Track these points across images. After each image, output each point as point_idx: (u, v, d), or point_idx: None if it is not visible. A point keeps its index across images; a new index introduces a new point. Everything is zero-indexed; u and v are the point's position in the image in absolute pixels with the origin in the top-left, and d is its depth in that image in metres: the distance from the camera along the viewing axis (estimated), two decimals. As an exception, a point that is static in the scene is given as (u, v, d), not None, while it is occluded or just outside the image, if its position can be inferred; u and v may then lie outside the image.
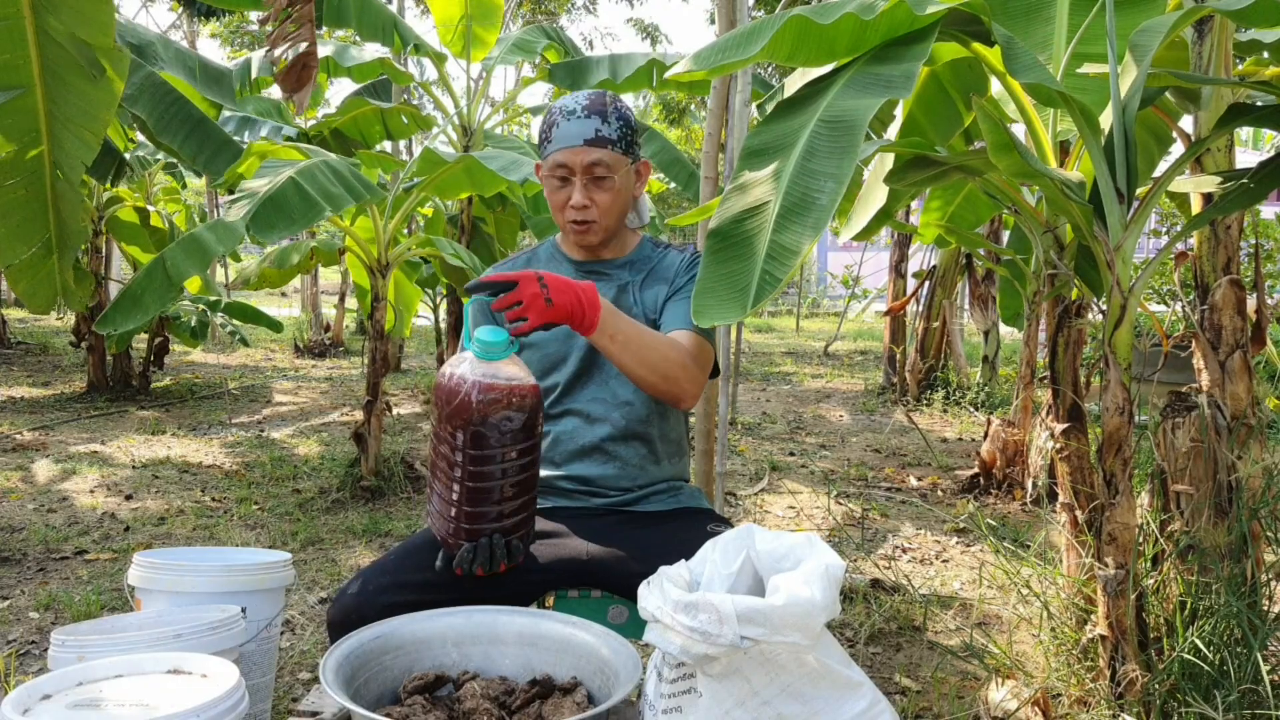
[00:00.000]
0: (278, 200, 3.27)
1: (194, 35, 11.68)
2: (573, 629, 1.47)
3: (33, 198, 3.33)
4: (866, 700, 1.29)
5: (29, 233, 3.39)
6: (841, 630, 2.70)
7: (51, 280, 3.54)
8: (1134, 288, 1.84)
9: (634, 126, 1.77)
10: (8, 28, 3.01)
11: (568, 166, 1.73)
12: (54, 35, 3.05)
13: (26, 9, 2.99)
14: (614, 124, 1.73)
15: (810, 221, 1.43)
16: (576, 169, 1.72)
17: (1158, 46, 1.67)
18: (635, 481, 1.80)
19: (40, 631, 2.67)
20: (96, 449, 5.07)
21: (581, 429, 1.78)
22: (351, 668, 1.36)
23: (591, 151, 1.71)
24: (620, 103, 1.77)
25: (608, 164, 1.72)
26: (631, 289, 1.83)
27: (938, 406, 6.53)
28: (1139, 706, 1.81)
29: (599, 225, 1.77)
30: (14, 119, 3.15)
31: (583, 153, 1.71)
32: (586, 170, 1.72)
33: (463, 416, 1.46)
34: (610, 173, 1.73)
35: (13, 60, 3.06)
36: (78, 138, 3.26)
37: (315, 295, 10.76)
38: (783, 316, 15.74)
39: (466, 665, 1.48)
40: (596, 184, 1.73)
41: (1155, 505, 2.07)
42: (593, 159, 1.71)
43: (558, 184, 1.76)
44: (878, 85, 1.58)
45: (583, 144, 1.71)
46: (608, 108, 1.74)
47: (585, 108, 1.73)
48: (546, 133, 1.76)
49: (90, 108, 3.20)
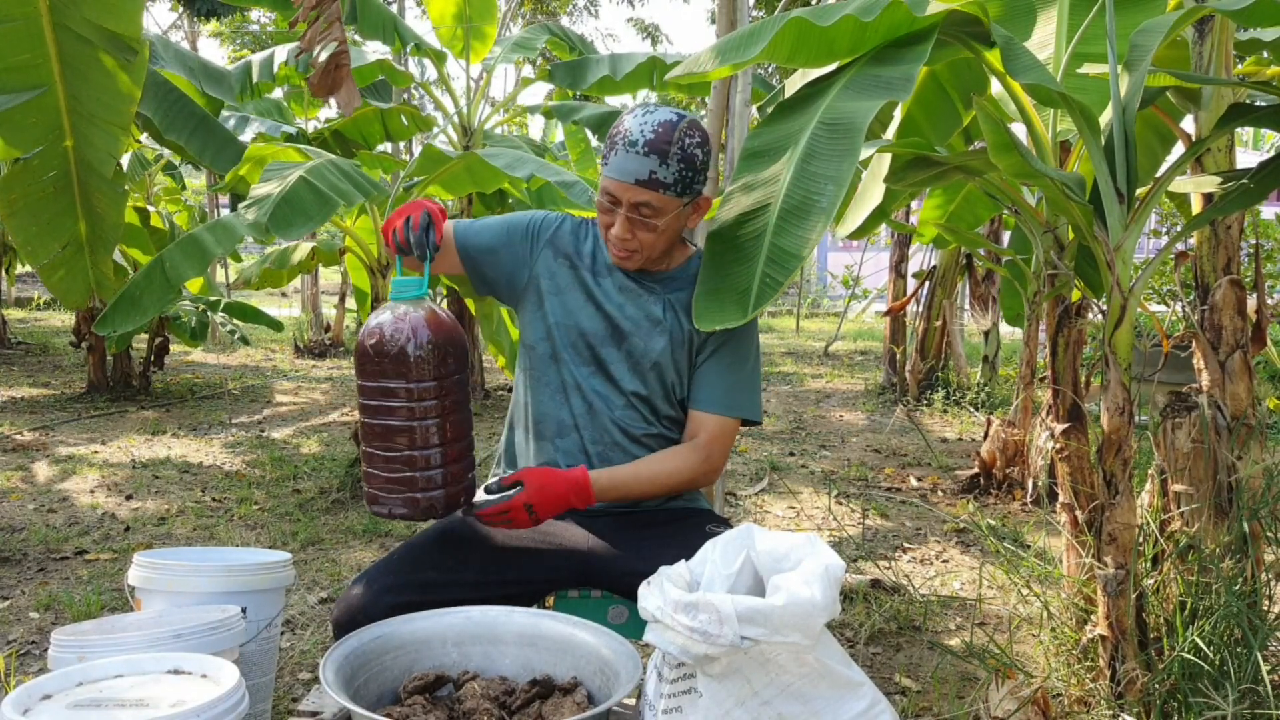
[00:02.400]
0: (292, 199, 3.29)
1: (194, 35, 11.68)
2: (573, 629, 1.48)
3: (60, 194, 3.36)
4: (866, 700, 1.30)
5: (59, 230, 3.43)
6: (841, 630, 2.70)
7: (84, 275, 3.58)
8: (1134, 288, 1.84)
9: (698, 166, 1.65)
10: (26, 27, 3.02)
11: (615, 197, 1.66)
12: (75, 29, 3.06)
13: (43, 6, 3.00)
14: (673, 166, 1.62)
15: (811, 225, 1.43)
16: (623, 202, 1.65)
17: (1158, 46, 1.67)
18: None
19: (40, 631, 2.67)
20: (96, 449, 5.07)
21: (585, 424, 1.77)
22: (352, 668, 1.36)
23: (641, 193, 1.62)
24: (691, 138, 1.63)
25: (655, 207, 1.64)
26: (670, 310, 1.77)
27: (938, 406, 6.53)
28: (1139, 706, 1.81)
29: (640, 256, 1.71)
30: (37, 117, 3.17)
31: (632, 191, 1.63)
32: (633, 208, 1.64)
33: (423, 349, 1.50)
34: (657, 215, 1.65)
35: (32, 59, 3.08)
36: (104, 132, 3.28)
37: (315, 295, 10.75)
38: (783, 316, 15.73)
39: (466, 665, 1.48)
40: (642, 222, 1.66)
41: (1155, 505, 2.07)
42: (640, 200, 1.63)
43: (606, 206, 1.69)
44: (877, 87, 1.58)
45: (634, 183, 1.62)
46: (671, 147, 1.61)
47: (647, 144, 1.61)
48: (609, 146, 1.67)
49: (113, 101, 3.22)
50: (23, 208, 3.32)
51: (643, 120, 1.63)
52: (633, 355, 1.76)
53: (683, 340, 1.77)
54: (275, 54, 5.70)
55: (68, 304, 3.80)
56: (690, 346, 1.77)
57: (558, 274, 1.80)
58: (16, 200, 3.29)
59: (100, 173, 3.34)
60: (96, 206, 3.44)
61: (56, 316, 12.74)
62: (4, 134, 3.15)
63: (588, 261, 1.81)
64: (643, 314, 1.77)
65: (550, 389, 1.79)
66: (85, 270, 3.57)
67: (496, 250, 1.82)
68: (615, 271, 1.79)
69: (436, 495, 1.54)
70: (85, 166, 3.33)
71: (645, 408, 1.77)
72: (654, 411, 1.78)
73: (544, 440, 1.79)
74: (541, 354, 1.80)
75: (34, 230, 3.38)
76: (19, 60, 3.07)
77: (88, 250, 3.55)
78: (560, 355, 1.78)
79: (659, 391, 1.77)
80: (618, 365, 1.76)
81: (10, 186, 3.27)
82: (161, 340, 6.89)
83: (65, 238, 3.45)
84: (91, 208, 3.44)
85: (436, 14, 5.70)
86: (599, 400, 1.76)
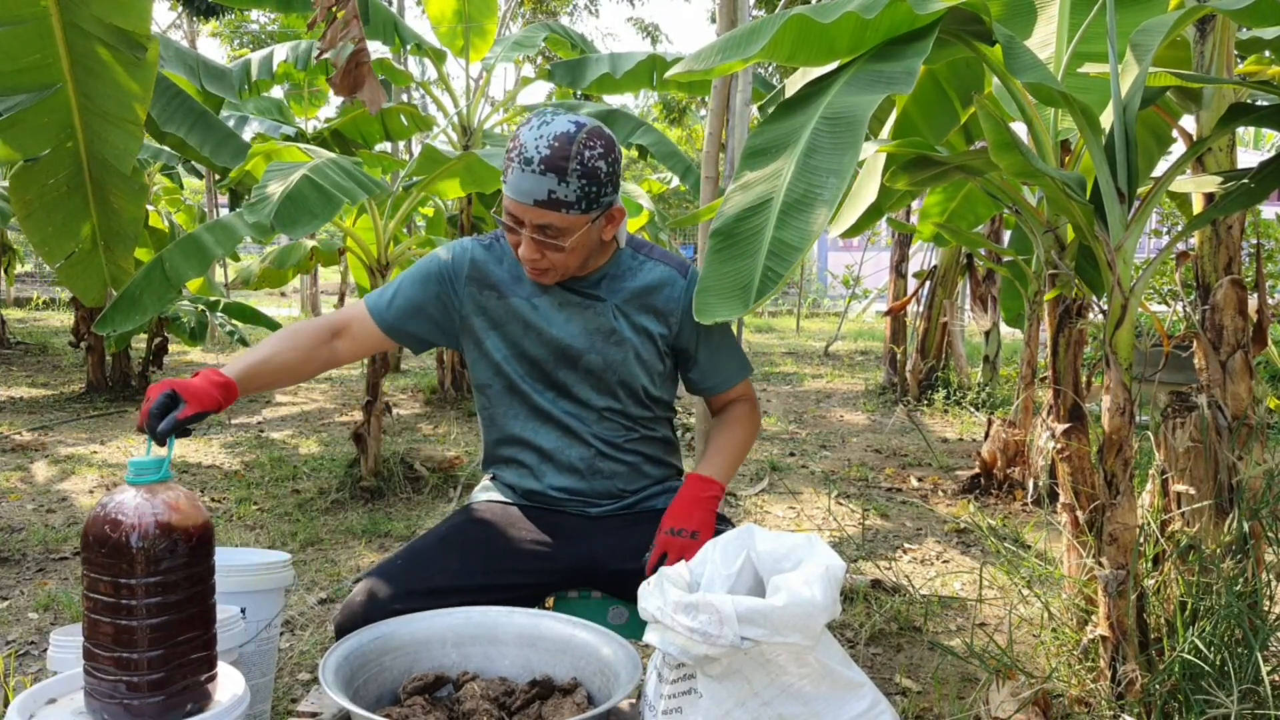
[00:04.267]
0: (296, 198, 3.29)
1: (194, 35, 11.67)
2: (573, 629, 1.47)
3: (74, 193, 3.37)
4: (867, 701, 1.29)
5: (74, 228, 3.45)
6: (842, 630, 2.70)
7: (100, 272, 3.59)
8: (1135, 287, 1.84)
9: (602, 178, 1.53)
10: (36, 27, 3.02)
11: (516, 218, 1.55)
12: (84, 28, 3.07)
13: (53, 5, 3.01)
14: (573, 184, 1.50)
15: (813, 218, 1.42)
16: (526, 223, 1.54)
17: (1158, 46, 1.67)
18: (628, 487, 1.79)
19: (40, 632, 2.67)
20: (96, 449, 5.06)
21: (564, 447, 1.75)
22: (351, 668, 1.35)
23: (542, 214, 1.52)
24: (591, 149, 1.51)
25: (560, 228, 1.53)
26: (619, 317, 1.69)
27: (938, 406, 6.52)
28: (1139, 707, 1.81)
29: (554, 273, 1.62)
30: (50, 117, 3.18)
31: (532, 213, 1.52)
32: (536, 229, 1.54)
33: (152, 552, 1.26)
34: (563, 236, 1.54)
35: (43, 59, 3.09)
36: (119, 129, 3.30)
37: (315, 295, 10.75)
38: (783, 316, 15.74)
39: (466, 666, 1.48)
40: (547, 243, 1.56)
41: (1156, 505, 2.07)
42: (542, 222, 1.53)
43: (509, 225, 1.58)
44: (879, 82, 1.57)
45: (533, 204, 1.51)
46: (569, 163, 1.48)
47: (543, 161, 1.48)
48: (506, 161, 1.54)
49: (126, 98, 3.24)
50: (38, 208, 3.34)
51: (538, 133, 1.50)
52: (593, 372, 1.71)
53: (645, 342, 1.71)
54: (275, 52, 5.71)
55: (86, 301, 3.83)
56: (657, 343, 1.72)
57: (489, 308, 1.71)
58: (32, 201, 3.31)
59: (118, 170, 3.35)
60: (113, 203, 3.45)
61: (55, 316, 12.73)
62: (18, 135, 3.16)
63: (514, 285, 1.71)
64: (593, 328, 1.69)
65: (521, 419, 1.76)
66: (101, 267, 3.59)
67: (421, 305, 1.72)
68: (551, 287, 1.69)
69: (153, 702, 1.29)
70: (101, 164, 3.34)
71: (620, 419, 1.74)
72: (629, 418, 1.75)
73: (531, 466, 1.77)
74: (498, 391, 1.75)
75: (49, 230, 3.40)
76: (30, 60, 3.08)
77: (103, 247, 3.56)
78: (519, 387, 1.73)
79: (630, 400, 1.74)
80: (580, 386, 1.72)
81: (25, 187, 3.29)
82: (160, 340, 6.89)
83: (80, 236, 3.47)
84: (108, 205, 3.45)
85: (436, 12, 5.70)
86: (573, 420, 1.73)
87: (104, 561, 1.27)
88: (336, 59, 3.38)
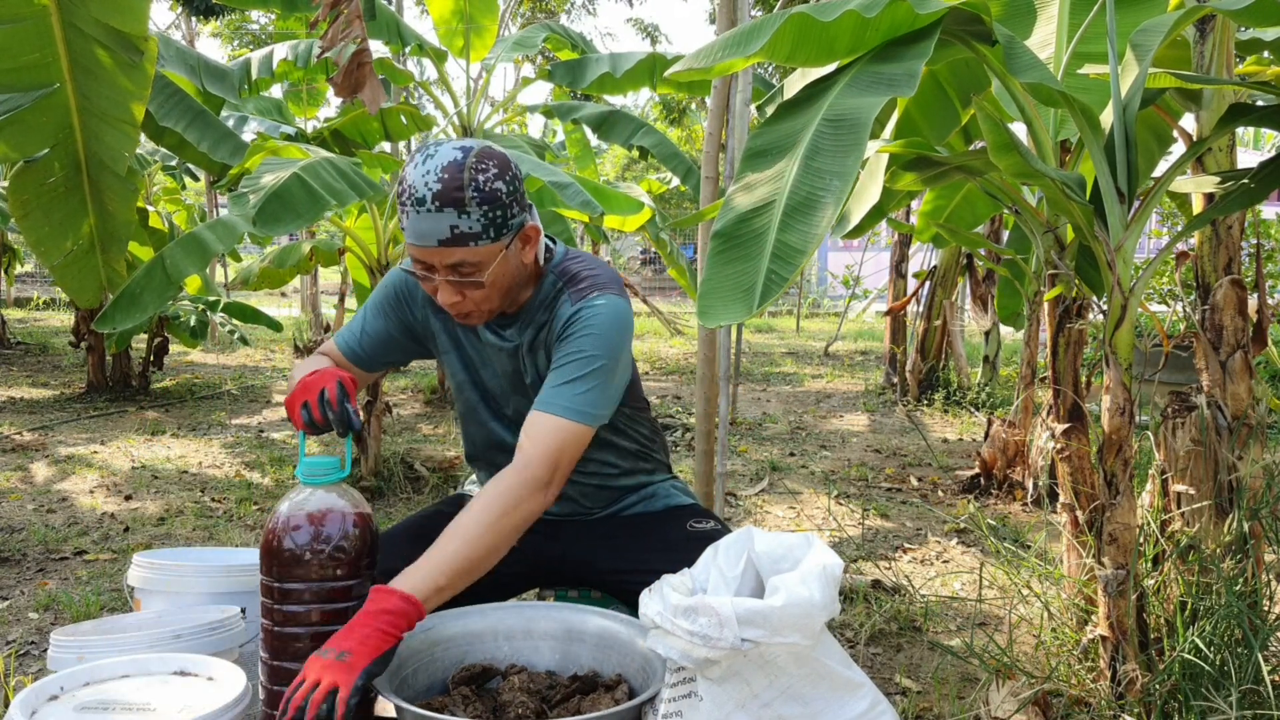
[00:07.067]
0: (282, 195, 3.25)
1: (193, 35, 11.67)
2: (612, 623, 1.51)
3: (71, 193, 3.37)
4: (867, 701, 1.29)
5: (71, 228, 3.45)
6: (842, 631, 2.70)
7: (96, 274, 3.59)
8: (1135, 288, 1.84)
9: (504, 199, 1.42)
10: (35, 26, 3.02)
11: (425, 264, 1.45)
12: (83, 28, 3.07)
13: (52, 5, 3.01)
14: (474, 213, 1.40)
15: (816, 220, 1.42)
16: (436, 267, 1.45)
17: (1158, 46, 1.67)
18: (599, 502, 1.78)
19: (40, 632, 2.67)
20: (96, 449, 5.06)
21: None
22: (398, 660, 1.38)
23: (449, 253, 1.41)
24: (484, 172, 1.40)
25: (473, 263, 1.43)
26: (526, 364, 1.63)
27: (938, 406, 6.52)
28: (1139, 707, 1.81)
29: (480, 313, 1.52)
30: (48, 116, 3.18)
31: (439, 254, 1.42)
32: (448, 270, 1.44)
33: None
34: (479, 270, 1.44)
35: (42, 59, 3.09)
36: (116, 129, 3.29)
37: (315, 295, 10.74)
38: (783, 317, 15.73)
39: (515, 659, 1.52)
40: (465, 282, 1.46)
41: (1156, 505, 2.07)
42: (452, 261, 1.43)
43: (421, 274, 1.48)
44: (880, 84, 1.57)
45: (438, 245, 1.41)
46: (464, 192, 1.38)
47: (436, 197, 1.38)
48: (399, 206, 1.44)
49: (121, 98, 3.24)
50: (35, 208, 3.34)
51: (424, 169, 1.39)
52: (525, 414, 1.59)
53: (535, 381, 1.61)
54: (275, 51, 5.70)
55: (81, 302, 3.81)
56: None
57: (439, 333, 1.69)
58: (29, 201, 3.31)
59: (114, 170, 3.35)
60: (108, 204, 3.45)
61: (55, 316, 12.73)
62: (16, 134, 3.16)
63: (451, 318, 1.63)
64: (510, 370, 1.65)
65: (481, 441, 1.76)
66: (97, 268, 3.58)
67: (388, 335, 1.70)
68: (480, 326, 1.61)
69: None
70: (97, 164, 3.34)
71: None
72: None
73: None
74: (461, 409, 1.76)
75: (46, 230, 3.40)
76: (29, 60, 3.08)
77: (99, 248, 3.56)
78: (477, 413, 1.72)
79: None
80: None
81: (22, 187, 3.28)
82: (161, 340, 6.88)
83: (77, 236, 3.47)
84: (103, 206, 3.45)
85: (437, 12, 5.70)
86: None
87: (307, 568, 1.35)
88: (338, 58, 3.37)
